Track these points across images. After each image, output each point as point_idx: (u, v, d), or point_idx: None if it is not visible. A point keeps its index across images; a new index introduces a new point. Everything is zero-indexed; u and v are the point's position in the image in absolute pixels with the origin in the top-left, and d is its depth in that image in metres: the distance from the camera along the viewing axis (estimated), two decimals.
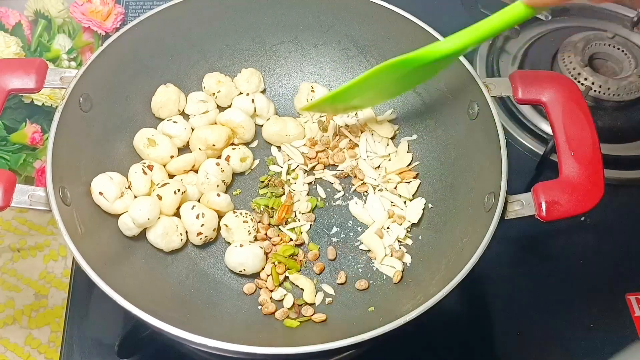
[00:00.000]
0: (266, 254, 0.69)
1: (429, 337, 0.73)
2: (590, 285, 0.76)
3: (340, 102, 0.71)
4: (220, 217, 0.70)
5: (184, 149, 0.75)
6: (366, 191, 0.75)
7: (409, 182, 0.75)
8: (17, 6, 0.96)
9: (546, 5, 0.49)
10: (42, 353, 0.89)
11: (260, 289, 0.68)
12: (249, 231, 0.69)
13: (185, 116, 0.77)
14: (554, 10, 0.95)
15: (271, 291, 0.68)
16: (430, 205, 0.73)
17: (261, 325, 0.66)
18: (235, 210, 0.70)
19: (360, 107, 0.77)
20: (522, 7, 0.50)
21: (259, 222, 0.72)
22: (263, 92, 0.81)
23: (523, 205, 0.60)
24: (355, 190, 0.75)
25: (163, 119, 0.75)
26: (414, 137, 0.77)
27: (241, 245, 0.67)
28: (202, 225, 0.67)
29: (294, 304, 0.67)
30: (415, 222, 0.72)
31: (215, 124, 0.76)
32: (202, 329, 0.55)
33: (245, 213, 0.70)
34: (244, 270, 0.67)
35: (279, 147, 0.78)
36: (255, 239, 0.70)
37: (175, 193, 0.68)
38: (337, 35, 0.79)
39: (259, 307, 0.67)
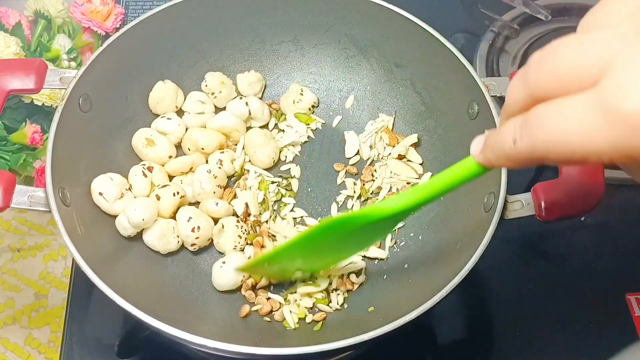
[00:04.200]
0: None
1: (429, 337, 0.73)
2: (590, 285, 0.76)
3: (280, 266, 0.64)
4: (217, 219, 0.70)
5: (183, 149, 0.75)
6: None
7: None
8: (17, 6, 0.96)
9: (502, 167, 0.42)
10: (42, 353, 0.89)
11: (257, 288, 0.68)
12: (235, 246, 0.69)
13: (181, 113, 0.77)
14: (553, 10, 0.95)
15: (267, 288, 0.68)
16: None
17: (261, 325, 0.66)
18: (239, 221, 0.70)
19: (309, 271, 0.67)
20: (474, 164, 0.43)
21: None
22: (261, 97, 0.81)
23: (523, 205, 0.60)
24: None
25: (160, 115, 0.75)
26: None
27: (224, 262, 0.66)
28: (197, 237, 0.67)
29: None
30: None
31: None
32: (201, 330, 0.55)
33: (245, 230, 0.70)
34: (244, 276, 0.67)
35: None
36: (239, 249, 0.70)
37: (174, 195, 0.68)
38: (337, 35, 0.79)
39: (257, 307, 0.67)
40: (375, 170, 0.76)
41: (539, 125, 0.35)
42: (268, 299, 0.68)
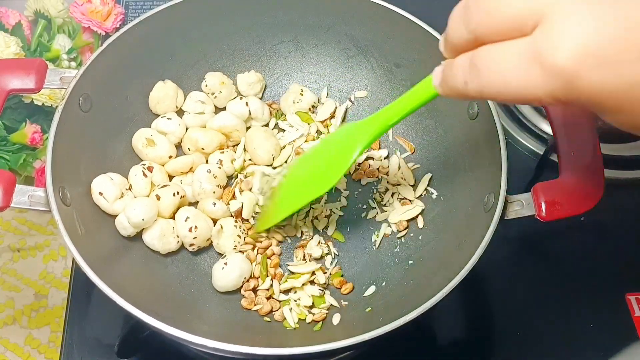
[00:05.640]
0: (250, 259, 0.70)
1: (429, 337, 0.73)
2: (590, 285, 0.76)
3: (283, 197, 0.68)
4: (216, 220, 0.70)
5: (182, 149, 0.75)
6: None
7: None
8: (17, 6, 0.96)
9: (459, 98, 0.44)
10: (42, 353, 0.89)
11: (257, 289, 0.68)
12: (235, 246, 0.69)
13: (181, 113, 0.77)
14: None
15: (267, 290, 0.68)
16: (430, 206, 0.73)
17: (260, 325, 0.66)
18: (237, 221, 0.70)
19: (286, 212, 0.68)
20: (431, 88, 0.45)
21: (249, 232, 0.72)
22: (261, 97, 0.81)
23: (523, 205, 0.60)
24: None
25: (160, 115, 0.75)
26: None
27: (225, 264, 0.67)
28: (195, 237, 0.67)
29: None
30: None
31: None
32: (201, 330, 0.55)
33: (244, 230, 0.70)
34: (245, 278, 0.68)
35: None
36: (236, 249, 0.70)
37: (174, 195, 0.68)
38: (337, 35, 0.79)
39: (257, 307, 0.67)
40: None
41: (484, 69, 0.36)
42: (268, 298, 0.68)
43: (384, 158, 0.77)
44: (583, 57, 0.32)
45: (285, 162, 0.77)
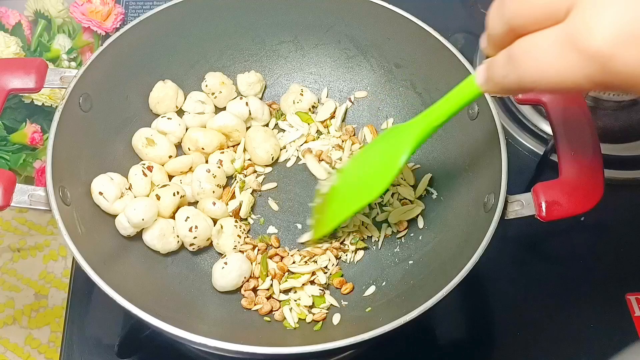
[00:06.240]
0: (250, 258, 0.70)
1: (429, 337, 0.73)
2: (590, 285, 0.76)
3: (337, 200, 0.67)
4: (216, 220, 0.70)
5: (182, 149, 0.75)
6: None
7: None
8: (17, 6, 0.96)
9: (504, 95, 0.44)
10: (42, 353, 0.89)
11: (257, 289, 0.68)
12: (235, 245, 0.69)
13: (181, 113, 0.77)
14: None
15: (267, 290, 0.68)
16: (430, 205, 0.73)
17: (261, 325, 0.66)
18: (237, 220, 0.71)
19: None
20: (474, 86, 0.46)
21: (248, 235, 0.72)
22: (261, 97, 0.81)
23: (523, 205, 0.60)
24: None
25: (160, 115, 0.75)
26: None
27: (225, 263, 0.66)
28: (195, 237, 0.67)
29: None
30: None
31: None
32: (201, 329, 0.55)
33: (243, 229, 0.70)
34: (245, 278, 0.68)
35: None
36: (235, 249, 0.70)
37: (174, 195, 0.68)
38: (337, 35, 0.79)
39: (257, 307, 0.67)
40: None
41: (521, 61, 0.37)
42: (268, 298, 0.68)
43: None
44: (618, 37, 0.32)
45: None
